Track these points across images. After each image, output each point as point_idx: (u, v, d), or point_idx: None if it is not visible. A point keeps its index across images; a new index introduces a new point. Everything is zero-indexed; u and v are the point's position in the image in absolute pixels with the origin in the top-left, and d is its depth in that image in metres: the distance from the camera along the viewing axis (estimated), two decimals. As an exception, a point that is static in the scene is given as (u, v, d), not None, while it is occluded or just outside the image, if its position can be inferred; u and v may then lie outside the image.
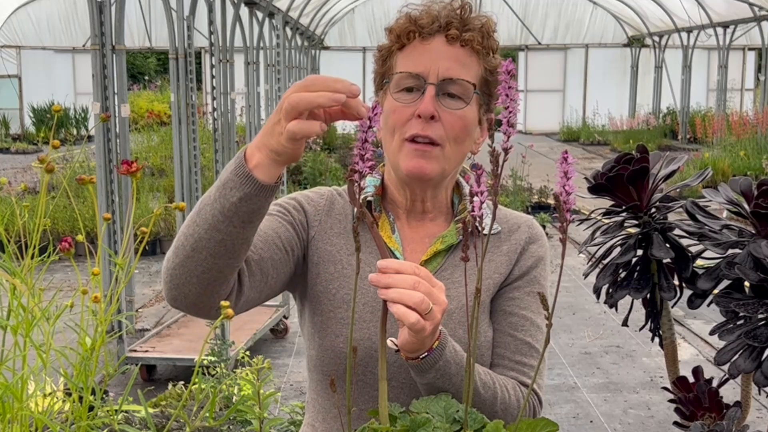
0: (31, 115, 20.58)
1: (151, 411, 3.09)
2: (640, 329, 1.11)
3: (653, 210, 1.06)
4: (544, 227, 7.78)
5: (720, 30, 17.71)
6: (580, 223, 1.13)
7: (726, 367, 0.95)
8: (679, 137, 19.82)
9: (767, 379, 0.92)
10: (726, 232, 0.99)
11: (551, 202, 9.99)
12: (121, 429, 1.42)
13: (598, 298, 1.09)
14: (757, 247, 0.94)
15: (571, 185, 0.93)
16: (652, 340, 1.10)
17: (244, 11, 8.71)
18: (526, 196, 10.08)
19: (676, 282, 1.05)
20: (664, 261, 1.06)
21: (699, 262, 1.04)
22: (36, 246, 1.42)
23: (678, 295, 1.05)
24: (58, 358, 1.39)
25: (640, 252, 1.06)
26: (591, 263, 1.10)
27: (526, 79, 22.66)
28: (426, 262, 1.44)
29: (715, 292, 0.99)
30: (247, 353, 3.43)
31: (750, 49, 22.02)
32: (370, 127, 1.03)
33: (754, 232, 0.98)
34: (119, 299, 1.48)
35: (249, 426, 3.06)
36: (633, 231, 1.06)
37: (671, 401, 1.04)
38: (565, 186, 0.93)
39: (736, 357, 0.94)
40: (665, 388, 1.08)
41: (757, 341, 0.92)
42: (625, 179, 1.04)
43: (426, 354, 1.22)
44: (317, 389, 1.48)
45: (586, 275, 1.11)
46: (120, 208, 4.93)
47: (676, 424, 1.02)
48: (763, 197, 0.96)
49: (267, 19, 10.04)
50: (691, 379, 1.04)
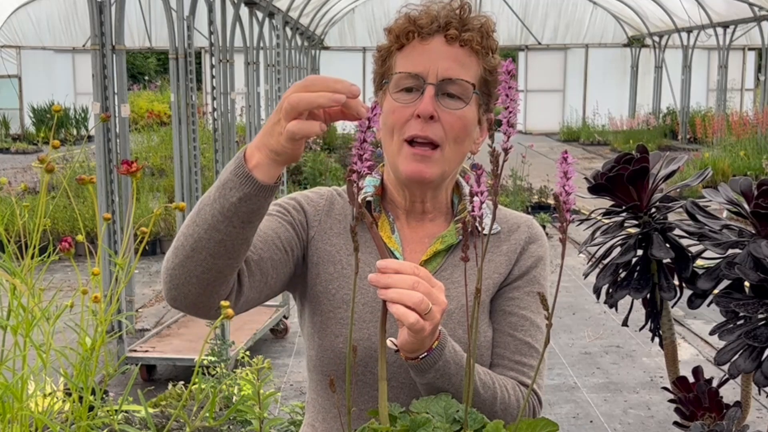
0: (31, 115, 20.58)
1: (151, 411, 3.09)
2: (640, 329, 1.11)
3: (653, 210, 1.06)
4: (544, 227, 7.79)
5: (720, 30, 17.71)
6: (580, 223, 1.13)
7: (726, 367, 0.95)
8: (679, 137, 19.82)
9: (767, 379, 0.92)
10: (726, 232, 0.99)
11: (551, 202, 9.99)
12: (121, 429, 1.42)
13: (598, 298, 1.09)
14: (757, 247, 0.94)
15: (571, 185, 0.93)
16: (652, 340, 1.10)
17: (244, 11, 8.71)
18: (526, 196, 10.08)
19: (676, 282, 1.05)
20: (664, 261, 1.06)
21: (699, 262, 1.04)
22: (36, 246, 1.42)
23: (678, 295, 1.05)
24: (58, 358, 1.39)
25: (640, 252, 1.06)
26: (591, 263, 1.10)
27: (526, 79, 22.66)
28: (426, 262, 1.44)
29: (715, 292, 0.99)
30: (247, 353, 3.43)
31: (750, 49, 22.02)
32: (369, 127, 1.03)
33: (754, 232, 0.98)
34: (119, 299, 1.48)
35: (249, 426, 3.06)
36: (633, 231, 1.06)
37: (671, 401, 1.04)
38: (565, 186, 0.93)
39: (736, 357, 0.94)
40: (665, 388, 1.08)
41: (757, 341, 0.92)
42: (625, 179, 1.04)
43: (425, 354, 1.22)
44: (317, 389, 1.48)
45: (586, 275, 1.11)
46: (120, 208, 4.93)
47: (676, 424, 1.02)
48: (763, 197, 0.96)
49: (267, 19, 10.04)
50: (691, 379, 1.04)
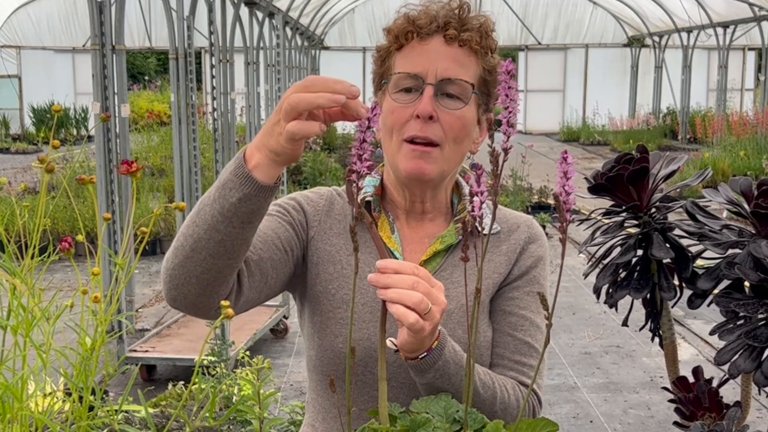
0: (31, 115, 20.58)
1: (151, 411, 3.09)
2: (640, 329, 1.11)
3: (653, 210, 1.06)
4: (544, 227, 7.79)
5: (720, 30, 17.71)
6: (580, 223, 1.13)
7: (726, 367, 0.95)
8: (679, 137, 19.82)
9: (767, 379, 0.92)
10: (726, 232, 0.99)
11: (551, 202, 9.99)
12: (121, 429, 1.42)
13: (598, 298, 1.09)
14: (757, 247, 0.94)
15: (571, 185, 0.93)
16: (652, 340, 1.10)
17: (244, 11, 8.71)
18: (526, 196, 10.08)
19: (676, 282, 1.05)
20: (664, 261, 1.06)
21: (699, 262, 1.04)
22: (36, 246, 1.42)
23: (678, 295, 1.05)
24: (58, 358, 1.39)
25: (640, 252, 1.06)
26: (591, 263, 1.10)
27: (526, 79, 22.66)
28: (425, 262, 1.44)
29: (715, 292, 0.99)
30: (247, 353, 3.43)
31: (750, 49, 22.02)
32: (369, 127, 1.03)
33: (754, 232, 0.98)
34: (119, 299, 1.48)
35: (249, 426, 3.06)
36: (633, 231, 1.06)
37: (671, 401, 1.04)
38: (565, 186, 0.93)
39: (736, 357, 0.94)
40: (665, 388, 1.08)
41: (757, 341, 0.92)
42: (625, 179, 1.04)
43: (425, 354, 1.22)
44: (317, 389, 1.48)
45: (586, 275, 1.11)
46: (120, 208, 4.93)
47: (676, 424, 1.02)
48: (763, 197, 0.96)
49: (267, 19, 10.04)
50: (691, 379, 1.04)
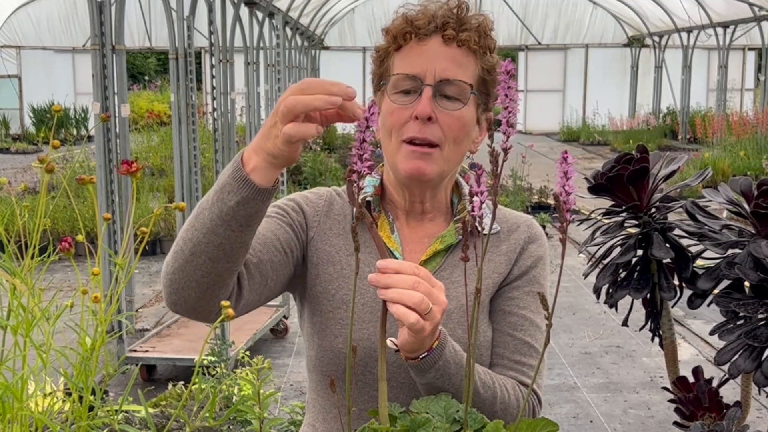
0: (31, 115, 20.58)
1: (151, 411, 3.08)
2: (640, 329, 1.11)
3: (653, 210, 1.06)
4: (544, 227, 7.79)
5: (720, 30, 17.71)
6: (580, 223, 1.13)
7: (726, 367, 0.95)
8: (679, 137, 19.81)
9: (767, 379, 0.92)
10: (726, 232, 0.99)
11: (551, 202, 9.99)
12: (121, 429, 1.42)
13: (598, 298, 1.09)
14: (757, 247, 0.94)
15: (571, 185, 0.93)
16: (652, 340, 1.10)
17: (244, 11, 8.71)
18: (526, 196, 10.08)
19: (676, 282, 1.05)
20: (664, 261, 1.06)
21: (699, 262, 1.04)
22: (36, 246, 1.42)
23: (678, 295, 1.05)
24: (58, 358, 1.39)
25: (640, 252, 1.06)
26: (591, 263, 1.10)
27: (526, 79, 22.66)
28: (425, 262, 1.44)
29: (715, 292, 0.99)
30: (247, 353, 3.43)
31: (750, 49, 22.02)
32: (368, 127, 1.03)
33: (754, 232, 0.98)
34: (119, 299, 1.48)
35: (249, 426, 3.06)
36: (633, 231, 1.06)
37: (671, 401, 1.04)
38: (565, 186, 0.93)
39: (736, 357, 0.94)
40: (665, 388, 1.08)
41: (757, 341, 0.92)
42: (625, 179, 1.04)
43: (426, 354, 1.22)
44: (317, 389, 1.48)
45: (586, 275, 1.11)
46: (120, 208, 4.93)
47: (676, 424, 1.02)
48: (763, 197, 0.96)
49: (267, 19, 10.04)
50: (691, 379, 1.04)
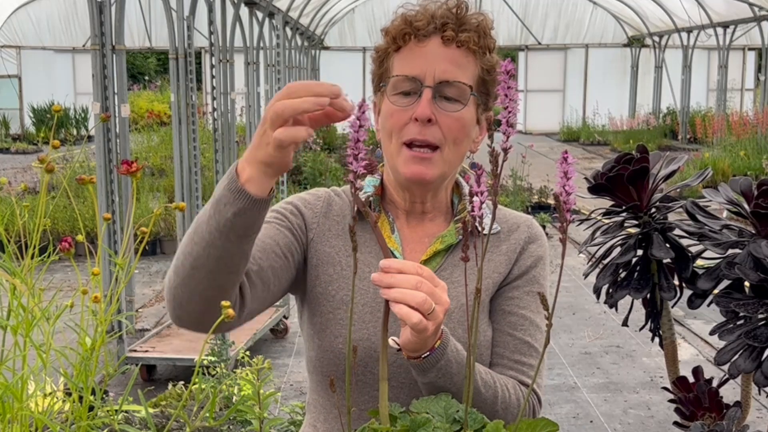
0: (31, 115, 20.58)
1: (151, 411, 3.08)
2: (640, 329, 1.11)
3: (653, 210, 1.06)
4: (544, 227, 7.78)
5: (720, 30, 17.71)
6: (580, 223, 1.13)
7: (726, 367, 0.95)
8: (679, 137, 19.81)
9: (767, 379, 0.92)
10: (726, 232, 0.99)
11: (551, 202, 9.99)
12: (121, 429, 1.42)
13: (598, 298, 1.09)
14: (757, 247, 0.94)
15: (571, 185, 0.93)
16: (652, 340, 1.10)
17: (244, 11, 8.71)
18: (526, 196, 10.08)
19: (676, 282, 1.05)
20: (664, 261, 1.06)
21: (699, 262, 1.04)
22: (36, 246, 1.42)
23: (678, 295, 1.05)
24: (58, 358, 1.39)
25: (640, 252, 1.06)
26: (591, 263, 1.10)
27: (526, 79, 22.65)
28: (425, 262, 1.44)
29: (715, 292, 0.99)
30: (247, 353, 3.43)
31: (750, 49, 22.01)
32: (361, 126, 1.03)
33: (754, 232, 0.98)
34: (119, 299, 1.48)
35: (249, 426, 3.06)
36: (633, 231, 1.07)
37: (671, 401, 1.04)
38: (565, 186, 0.93)
39: (736, 357, 0.94)
40: (665, 388, 1.08)
41: (757, 341, 0.92)
42: (625, 179, 1.04)
43: (428, 353, 1.22)
44: (317, 390, 1.48)
45: (586, 275, 1.11)
46: (120, 208, 4.93)
47: (676, 424, 1.02)
48: (763, 197, 0.96)
49: (267, 19, 10.04)
50: (691, 379, 1.04)
